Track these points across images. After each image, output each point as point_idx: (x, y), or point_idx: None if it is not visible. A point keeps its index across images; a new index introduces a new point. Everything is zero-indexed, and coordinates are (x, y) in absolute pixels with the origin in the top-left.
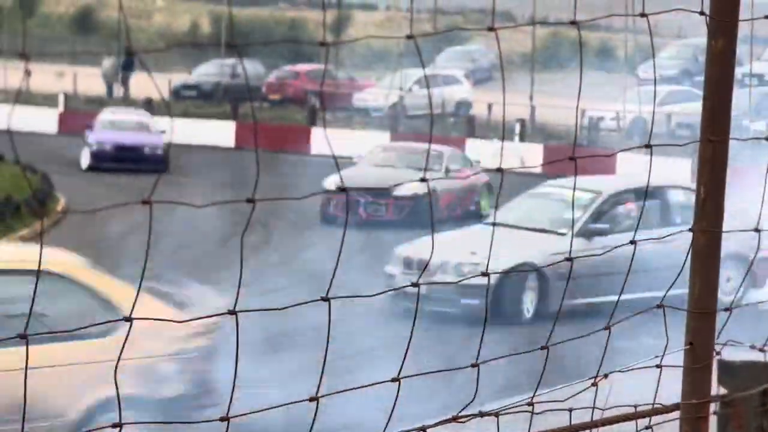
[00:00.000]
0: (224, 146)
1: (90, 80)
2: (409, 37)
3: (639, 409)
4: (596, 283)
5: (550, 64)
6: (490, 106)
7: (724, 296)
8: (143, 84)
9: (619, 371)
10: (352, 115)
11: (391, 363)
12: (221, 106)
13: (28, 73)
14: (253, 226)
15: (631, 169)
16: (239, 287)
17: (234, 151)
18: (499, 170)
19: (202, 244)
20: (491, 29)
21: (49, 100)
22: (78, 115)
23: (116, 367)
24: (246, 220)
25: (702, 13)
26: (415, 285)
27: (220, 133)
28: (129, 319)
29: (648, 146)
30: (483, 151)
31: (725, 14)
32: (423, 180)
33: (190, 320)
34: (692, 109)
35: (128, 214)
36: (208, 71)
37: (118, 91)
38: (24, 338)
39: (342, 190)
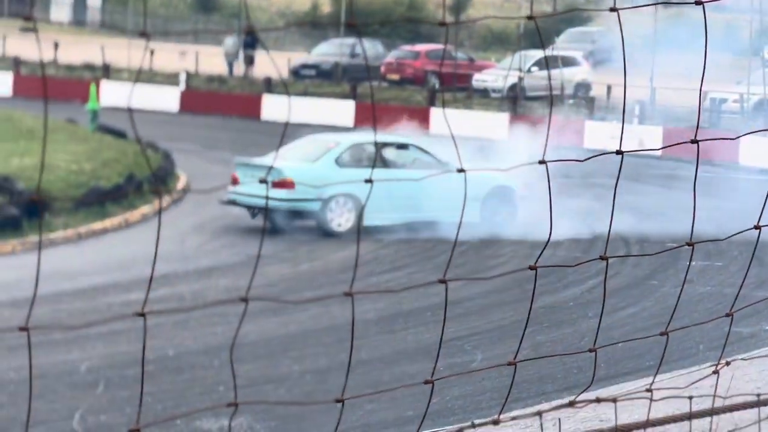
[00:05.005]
0: (343, 125)
1: (211, 59)
2: (530, 17)
3: (762, 397)
4: None
5: (672, 45)
6: (609, 88)
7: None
8: (264, 63)
9: (742, 359)
10: (472, 95)
11: None
12: (340, 86)
13: (151, 51)
14: None
15: (755, 152)
16: (356, 267)
17: (352, 130)
18: (619, 152)
19: None
20: (613, 10)
21: (171, 78)
22: (199, 93)
23: (231, 349)
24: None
25: None
26: (533, 268)
27: (339, 112)
28: (246, 300)
29: None
30: (601, 134)
31: None
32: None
33: (311, 301)
34: None
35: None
36: (328, 51)
37: (239, 70)
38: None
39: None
